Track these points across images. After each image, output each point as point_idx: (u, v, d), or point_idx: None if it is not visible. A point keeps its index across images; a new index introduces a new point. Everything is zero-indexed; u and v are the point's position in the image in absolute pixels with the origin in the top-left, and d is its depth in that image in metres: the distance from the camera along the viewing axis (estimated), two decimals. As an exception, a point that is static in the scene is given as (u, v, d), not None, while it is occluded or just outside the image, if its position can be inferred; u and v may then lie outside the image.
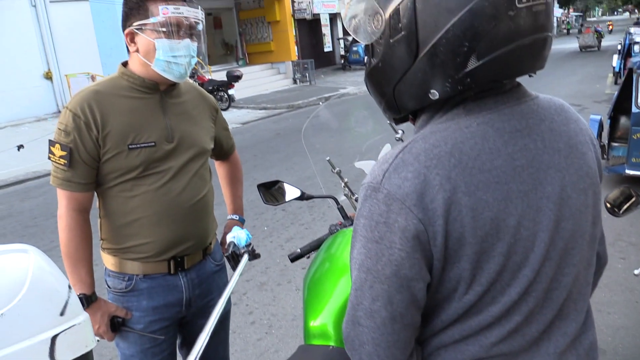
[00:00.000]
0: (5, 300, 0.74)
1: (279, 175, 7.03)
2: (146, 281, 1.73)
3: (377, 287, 0.86)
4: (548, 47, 0.87)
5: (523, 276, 0.87)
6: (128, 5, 1.62)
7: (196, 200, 1.75)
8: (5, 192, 8.16)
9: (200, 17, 1.66)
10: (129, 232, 1.69)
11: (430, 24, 0.81)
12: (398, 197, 0.83)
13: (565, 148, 0.91)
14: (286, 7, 21.18)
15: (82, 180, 1.62)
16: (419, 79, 0.86)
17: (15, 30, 14.13)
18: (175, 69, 1.63)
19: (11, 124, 13.76)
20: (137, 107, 1.65)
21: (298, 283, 3.98)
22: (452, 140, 0.85)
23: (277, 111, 14.79)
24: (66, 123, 1.60)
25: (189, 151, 1.73)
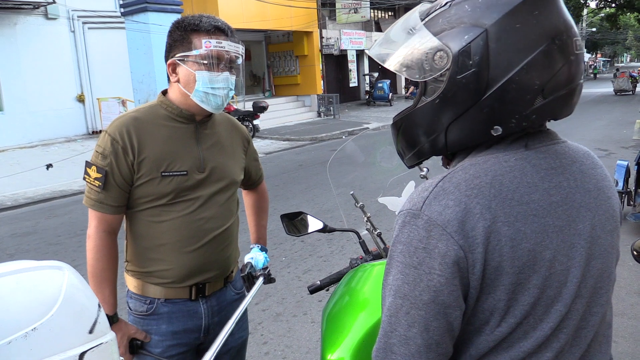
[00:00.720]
0: (39, 315, 0.77)
1: (300, 206, 7.05)
2: (167, 305, 1.75)
3: (413, 313, 0.86)
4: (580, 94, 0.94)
5: (556, 311, 0.88)
6: (172, 37, 1.67)
7: (222, 230, 1.77)
8: (31, 209, 8.33)
9: (240, 52, 1.71)
10: (153, 256, 1.72)
11: (502, 63, 0.85)
12: (439, 223, 0.84)
13: (595, 190, 0.94)
14: (314, 42, 21.61)
15: (114, 203, 1.66)
16: (483, 115, 0.88)
17: (54, 54, 14.69)
18: (212, 100, 1.67)
19: (42, 143, 14.15)
20: (173, 136, 1.70)
21: (314, 315, 3.95)
22: (492, 172, 0.88)
23: (301, 143, 14.93)
24: (104, 147, 1.65)
25: (219, 182, 1.77)
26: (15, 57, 13.95)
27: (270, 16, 18.57)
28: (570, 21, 0.88)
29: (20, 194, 9.07)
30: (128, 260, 1.79)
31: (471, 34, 0.86)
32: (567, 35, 0.86)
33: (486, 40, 0.85)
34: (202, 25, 1.63)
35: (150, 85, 11.57)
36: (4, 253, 5.97)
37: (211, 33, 1.63)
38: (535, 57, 0.84)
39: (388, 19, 29.82)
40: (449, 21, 0.89)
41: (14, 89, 13.94)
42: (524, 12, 0.85)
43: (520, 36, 0.84)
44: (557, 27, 0.85)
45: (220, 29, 1.66)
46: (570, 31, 0.87)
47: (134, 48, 11.59)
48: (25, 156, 12.48)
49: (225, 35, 1.66)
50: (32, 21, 14.31)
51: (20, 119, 13.99)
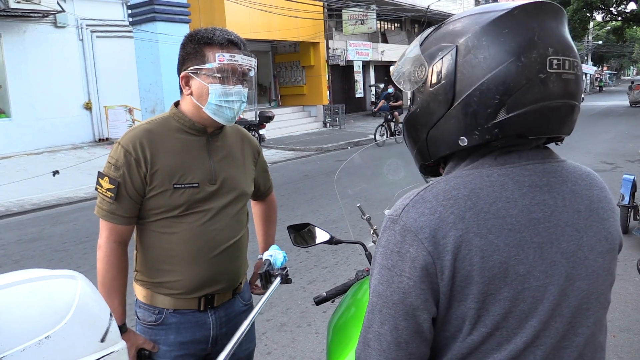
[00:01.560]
0: (52, 323, 0.78)
1: (304, 216, 7.06)
2: (176, 316, 1.75)
3: (385, 312, 0.91)
4: (575, 114, 0.94)
5: (530, 326, 0.89)
6: (185, 49, 1.69)
7: (232, 243, 1.78)
8: (37, 215, 8.37)
9: (253, 65, 1.72)
10: (163, 267, 1.73)
11: (467, 76, 0.91)
12: (412, 229, 0.89)
13: (586, 210, 0.95)
14: (321, 53, 21.72)
15: (126, 214, 1.68)
16: (451, 126, 0.94)
17: (62, 62, 14.82)
18: (225, 112, 1.69)
19: (49, 150, 14.24)
20: (185, 148, 1.71)
21: (318, 326, 3.94)
22: (472, 185, 0.91)
23: (306, 153, 14.96)
24: (117, 158, 1.66)
25: (230, 194, 1.78)
26: (24, 64, 14.08)
27: (277, 27, 18.69)
28: (556, 41, 0.89)
29: (26, 200, 9.12)
30: (138, 270, 1.79)
31: (444, 51, 0.94)
32: (539, 54, 0.87)
33: (455, 56, 0.92)
34: (216, 39, 1.64)
35: (157, 94, 11.63)
36: (10, 259, 6.00)
37: (224, 46, 1.65)
38: (497, 72, 0.88)
39: (394, 30, 29.95)
40: (435, 40, 0.98)
41: (22, 95, 14.06)
42: (493, 30, 0.89)
43: (486, 53, 0.89)
44: (526, 45, 0.87)
45: (233, 42, 1.67)
46: (545, 50, 0.87)
47: (141, 57, 11.67)
48: (31, 163, 12.55)
49: (238, 49, 1.68)
50: (41, 29, 14.45)
51: (27, 126, 14.09)
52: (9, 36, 13.82)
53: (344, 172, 2.10)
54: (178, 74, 1.72)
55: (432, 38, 1.00)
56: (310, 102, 22.07)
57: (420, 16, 26.94)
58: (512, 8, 0.90)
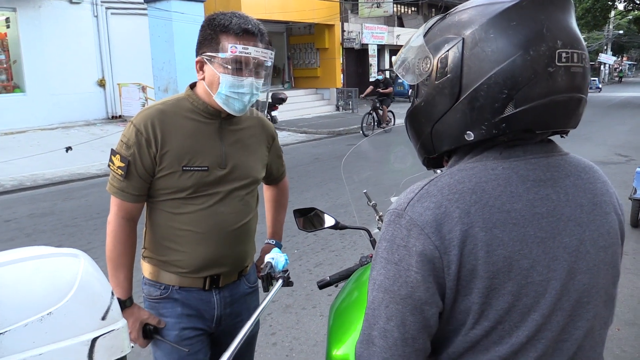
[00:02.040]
0: (55, 300, 0.80)
1: (314, 200, 7.08)
2: (181, 292, 1.78)
3: (392, 307, 0.90)
4: (582, 108, 0.93)
5: (532, 320, 0.89)
6: (202, 34, 1.67)
7: (240, 225, 1.79)
8: (49, 190, 8.47)
9: (269, 56, 1.69)
10: (170, 246, 1.75)
11: (474, 70, 0.89)
12: (419, 223, 0.88)
13: (589, 205, 0.95)
14: (336, 35, 21.54)
15: (135, 192, 1.70)
16: (457, 120, 0.93)
17: (77, 38, 14.85)
18: (235, 103, 1.67)
19: (62, 125, 14.35)
20: (197, 131, 1.71)
21: (323, 309, 3.98)
22: (476, 179, 0.90)
23: (318, 136, 14.94)
24: (129, 137, 1.67)
25: (240, 179, 1.78)
26: (39, 39, 14.12)
27: (292, 8, 18.55)
28: (564, 33, 0.88)
29: (39, 175, 9.23)
30: (146, 247, 1.82)
31: (450, 43, 0.92)
32: (547, 47, 0.86)
33: (462, 49, 0.90)
34: (232, 27, 1.61)
35: (170, 72, 11.64)
36: (22, 232, 6.09)
37: (239, 36, 1.61)
38: (505, 66, 0.86)
39: (411, 14, 29.59)
40: (440, 31, 0.96)
41: (37, 71, 14.13)
42: (501, 23, 0.88)
43: (493, 46, 0.87)
44: (535, 38, 0.86)
45: (249, 32, 1.63)
46: (554, 42, 0.86)
47: (155, 35, 11.66)
48: (45, 138, 12.67)
49: (254, 39, 1.64)
50: (56, 5, 14.46)
51: (41, 101, 14.18)
52: (24, 11, 13.86)
53: (352, 157, 2.10)
54: (195, 56, 1.70)
55: (437, 29, 0.98)
56: (323, 84, 21.96)
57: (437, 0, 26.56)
58: (520, 0, 0.88)
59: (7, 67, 14.40)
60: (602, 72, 49.52)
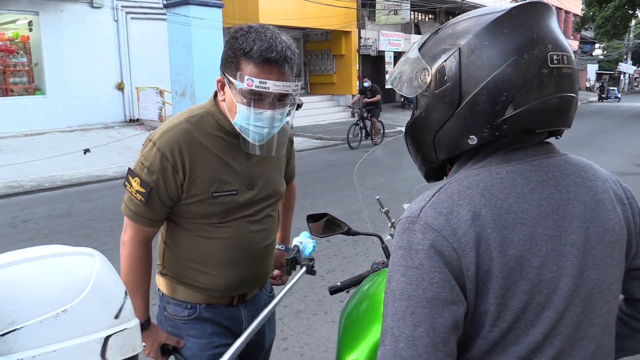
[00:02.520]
0: (70, 298, 0.81)
1: (327, 206, 7.08)
2: (209, 310, 1.73)
3: (418, 312, 0.88)
4: (574, 107, 0.98)
5: (547, 317, 0.91)
6: (225, 53, 1.52)
7: (267, 244, 1.76)
8: (67, 191, 8.59)
9: (291, 90, 1.51)
10: (197, 268, 1.68)
11: (473, 76, 0.93)
12: (435, 226, 0.91)
13: (591, 202, 0.97)
14: (352, 42, 21.57)
15: (155, 217, 1.61)
16: (459, 126, 0.96)
17: (97, 42, 15.07)
18: (252, 135, 1.55)
19: (81, 128, 14.54)
20: (223, 151, 1.61)
21: (334, 315, 3.97)
22: (483, 183, 0.93)
23: (333, 142, 14.94)
24: (152, 161, 1.54)
25: (267, 199, 1.72)
26: (60, 43, 14.35)
27: (309, 14, 18.62)
28: (552, 37, 0.93)
29: (58, 176, 9.36)
30: (166, 265, 1.74)
31: (447, 53, 0.97)
32: (540, 50, 0.91)
33: (459, 58, 0.95)
34: (252, 55, 1.43)
35: (187, 77, 11.76)
36: (39, 233, 6.18)
37: (259, 66, 1.44)
38: (502, 70, 0.91)
39: (428, 21, 29.54)
40: (435, 44, 1.01)
41: (57, 74, 14.35)
42: (494, 31, 0.93)
43: (489, 52, 0.92)
44: (527, 43, 0.91)
45: (272, 61, 1.44)
46: (545, 46, 0.91)
47: (174, 40, 11.80)
48: (64, 140, 12.85)
49: (277, 69, 1.45)
50: (77, 9, 14.69)
51: (61, 104, 14.39)
52: (46, 15, 14.10)
53: (365, 164, 2.10)
54: (220, 72, 1.57)
55: (431, 42, 1.02)
56: (339, 91, 21.99)
57: (454, 8, 26.49)
58: (509, 9, 0.94)
59: (28, 70, 14.64)
60: (621, 82, 48.84)
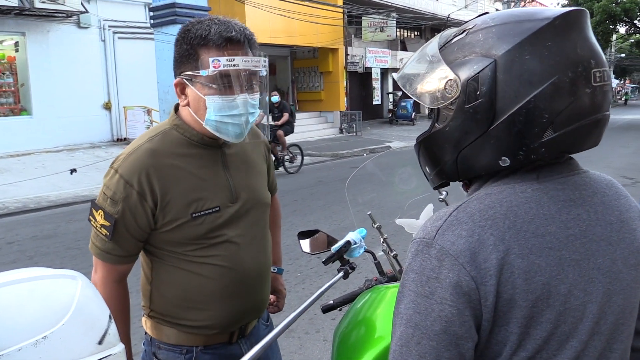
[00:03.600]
0: (50, 323, 0.77)
1: (317, 222, 7.04)
2: (207, 352, 1.53)
3: (424, 344, 0.83)
4: (606, 125, 0.91)
5: (571, 347, 0.85)
6: (178, 50, 1.40)
7: (263, 266, 1.59)
8: (53, 212, 8.46)
9: (261, 64, 1.41)
10: (190, 306, 1.49)
11: (510, 94, 0.84)
12: (451, 253, 0.83)
13: (617, 222, 0.91)
14: (339, 59, 21.76)
15: (124, 254, 1.42)
16: (490, 146, 0.88)
17: (84, 62, 15.04)
18: (230, 129, 1.40)
19: (67, 148, 14.43)
20: (197, 166, 1.45)
21: (326, 333, 3.92)
22: (507, 203, 0.86)
23: (322, 159, 14.96)
24: (114, 190, 1.37)
25: (252, 209, 1.55)
26: (47, 63, 14.29)
27: (296, 32, 18.77)
28: (594, 51, 0.85)
29: (44, 197, 9.24)
30: (153, 308, 1.53)
31: (480, 64, 0.86)
32: (583, 67, 0.83)
33: (494, 71, 0.85)
34: (210, 38, 1.33)
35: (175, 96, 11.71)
36: (24, 255, 6.06)
37: (222, 47, 1.34)
38: (544, 89, 0.82)
39: (414, 38, 29.91)
40: (462, 50, 0.90)
41: (44, 94, 14.26)
42: (536, 43, 0.83)
43: (530, 68, 0.83)
44: (572, 59, 0.83)
45: (233, 40, 1.35)
46: (588, 62, 0.83)
47: (161, 59, 11.79)
48: (50, 160, 12.73)
49: (241, 47, 1.36)
50: (64, 29, 14.67)
51: (48, 124, 14.28)
52: (33, 35, 14.06)
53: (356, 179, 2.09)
54: (174, 78, 1.43)
55: (457, 46, 0.91)
56: (327, 108, 22.10)
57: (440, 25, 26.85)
58: (553, 18, 0.84)
59: (15, 90, 14.54)
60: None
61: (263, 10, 16.68)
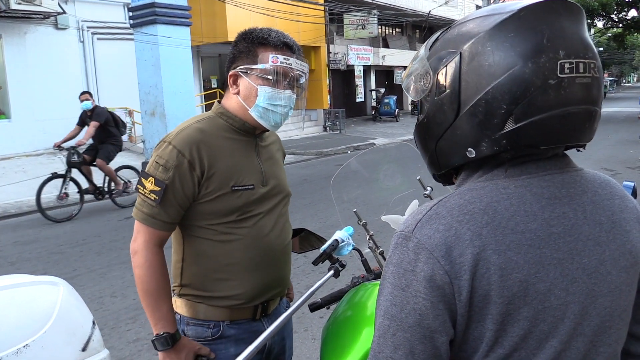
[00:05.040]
0: (32, 332, 0.76)
1: (303, 221, 7.03)
2: (233, 327, 1.68)
3: (399, 336, 0.84)
4: (595, 120, 0.88)
5: (550, 347, 0.84)
6: (237, 48, 1.64)
7: (286, 244, 1.76)
8: (34, 217, 8.33)
9: (305, 70, 1.68)
10: (220, 277, 1.64)
11: (472, 85, 0.86)
12: (427, 247, 0.83)
13: (608, 222, 0.89)
14: (322, 57, 21.75)
15: (169, 220, 1.57)
16: (458, 137, 0.90)
17: (63, 64, 14.82)
18: (272, 117, 1.63)
19: (48, 151, 14.20)
20: (237, 149, 1.65)
21: (314, 332, 3.91)
22: (488, 198, 0.85)
23: (306, 157, 14.96)
24: (167, 159, 1.54)
25: (279, 195, 1.74)
26: (24, 65, 14.06)
27: (278, 30, 18.70)
28: (568, 42, 0.83)
29: (24, 201, 9.09)
30: (184, 284, 1.68)
31: (448, 57, 0.90)
32: (548, 58, 0.81)
33: (459, 64, 0.87)
34: (271, 40, 1.60)
35: (157, 96, 11.62)
36: (6, 261, 5.97)
37: (279, 49, 1.61)
38: (502, 80, 0.82)
39: (395, 35, 30.00)
40: (441, 45, 0.94)
41: (22, 97, 14.03)
42: (497, 35, 0.84)
43: (490, 59, 0.84)
44: (534, 49, 0.81)
45: (288, 45, 1.63)
46: (555, 53, 0.81)
47: (142, 59, 11.67)
48: (30, 164, 12.54)
49: (292, 52, 1.64)
50: (42, 30, 14.45)
51: (27, 127, 14.06)
52: (9, 37, 13.82)
53: (341, 177, 2.08)
54: (227, 71, 1.66)
55: (439, 43, 0.95)
56: (310, 106, 22.05)
57: (421, 21, 26.99)
58: (517, 9, 0.84)
59: (-9, 94, 14.30)
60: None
61: (244, 9, 16.60)
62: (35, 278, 0.86)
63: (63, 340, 0.80)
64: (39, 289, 0.83)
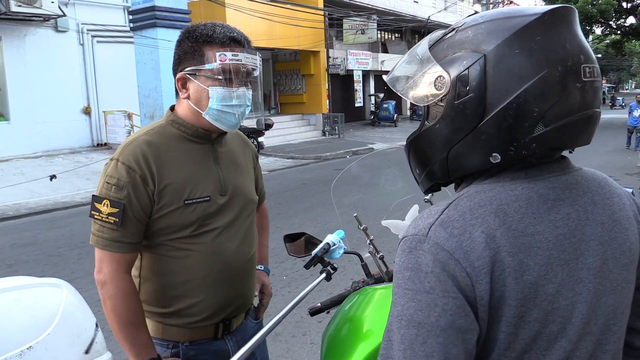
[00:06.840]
0: (35, 333, 0.76)
1: (302, 225, 7.03)
2: (193, 348, 1.59)
3: (431, 342, 0.79)
4: (598, 122, 0.90)
5: (560, 347, 0.84)
6: (182, 48, 1.53)
7: (248, 258, 1.66)
8: (33, 219, 8.32)
9: (257, 63, 1.57)
10: (176, 294, 1.56)
11: (500, 88, 0.84)
12: (446, 248, 0.81)
13: (609, 221, 0.90)
14: (321, 62, 21.79)
15: (133, 240, 1.48)
16: (481, 142, 0.87)
17: (62, 66, 14.82)
18: (228, 118, 1.53)
19: (46, 154, 14.21)
20: (190, 158, 1.56)
21: (313, 336, 3.91)
22: (497, 201, 0.85)
23: (305, 161, 14.96)
24: (118, 177, 1.46)
25: (240, 204, 1.64)
26: (24, 67, 14.07)
27: (278, 35, 18.74)
28: (582, 47, 0.85)
29: (22, 204, 9.08)
30: (142, 300, 1.57)
31: (470, 60, 0.86)
32: (573, 62, 0.82)
33: (484, 66, 0.84)
34: (216, 36, 1.49)
35: (156, 100, 11.63)
36: (4, 263, 5.95)
37: (226, 45, 1.49)
38: (534, 83, 0.82)
39: (395, 40, 30.08)
40: (452, 47, 0.90)
41: (21, 99, 14.03)
42: (525, 38, 0.83)
43: (519, 62, 0.83)
44: (561, 53, 0.82)
45: (235, 40, 1.52)
46: (578, 57, 0.83)
47: (141, 63, 11.68)
48: (29, 166, 12.52)
49: (241, 47, 1.53)
50: (41, 33, 14.45)
51: (25, 129, 14.05)
52: (9, 40, 13.82)
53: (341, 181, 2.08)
54: (174, 74, 1.56)
55: (447, 44, 0.91)
56: (309, 110, 22.10)
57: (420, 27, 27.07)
58: (542, 13, 0.84)
59: (-10, 96, 14.30)
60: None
61: (244, 13, 16.63)
62: (38, 280, 0.86)
63: (66, 343, 0.80)
64: (42, 291, 0.83)
